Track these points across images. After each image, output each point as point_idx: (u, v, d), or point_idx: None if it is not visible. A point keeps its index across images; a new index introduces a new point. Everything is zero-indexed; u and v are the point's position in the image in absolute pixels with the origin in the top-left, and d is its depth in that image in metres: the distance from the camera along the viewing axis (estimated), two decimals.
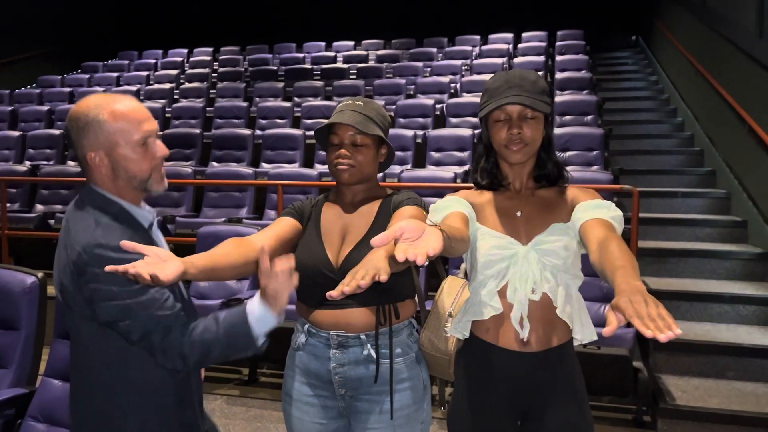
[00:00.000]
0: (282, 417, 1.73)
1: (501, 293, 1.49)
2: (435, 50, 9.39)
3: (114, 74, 9.78)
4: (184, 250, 1.32)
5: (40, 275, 2.34)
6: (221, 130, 6.67)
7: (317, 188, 5.11)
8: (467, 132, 5.89)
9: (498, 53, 8.66)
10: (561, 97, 6.36)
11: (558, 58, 8.05)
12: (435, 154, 5.86)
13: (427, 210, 1.61)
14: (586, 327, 1.50)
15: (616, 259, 1.22)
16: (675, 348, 3.53)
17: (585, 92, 6.86)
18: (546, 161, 1.58)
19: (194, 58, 10.48)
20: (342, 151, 1.61)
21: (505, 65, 8.02)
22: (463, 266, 1.71)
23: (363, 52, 9.92)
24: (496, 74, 1.56)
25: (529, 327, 1.48)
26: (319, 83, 8.12)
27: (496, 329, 1.52)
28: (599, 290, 3.48)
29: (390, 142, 1.68)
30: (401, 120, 6.66)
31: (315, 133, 1.67)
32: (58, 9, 11.28)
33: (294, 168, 5.89)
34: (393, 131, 5.72)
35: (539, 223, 1.53)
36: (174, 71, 9.55)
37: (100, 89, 8.84)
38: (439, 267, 1.85)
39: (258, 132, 6.76)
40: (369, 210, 1.65)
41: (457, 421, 1.58)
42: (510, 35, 9.46)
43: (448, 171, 5.10)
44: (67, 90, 8.96)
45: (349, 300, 1.53)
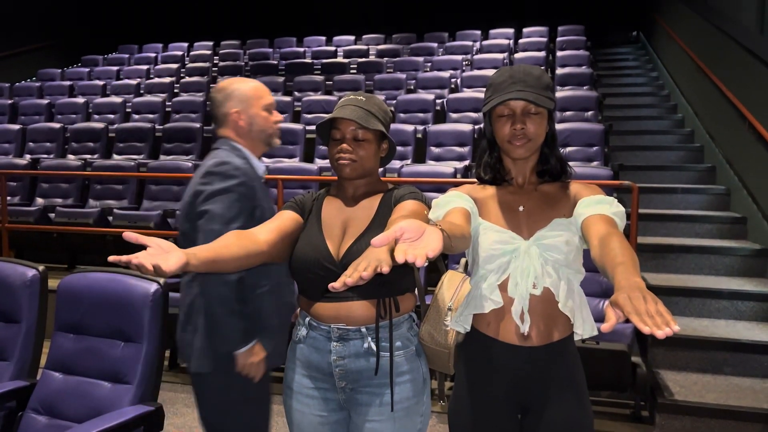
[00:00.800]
0: (281, 410, 1.74)
1: (502, 287, 1.50)
2: (435, 45, 9.37)
3: (114, 68, 9.76)
4: None
5: (41, 268, 2.34)
6: None
7: (317, 183, 5.11)
8: (467, 127, 5.88)
9: (499, 48, 8.65)
10: (561, 93, 6.35)
11: (559, 54, 8.04)
12: (435, 149, 5.86)
13: (428, 204, 1.61)
14: (587, 322, 1.51)
15: (617, 256, 1.23)
16: (673, 343, 3.54)
17: (585, 88, 6.85)
18: (549, 157, 1.58)
19: (194, 52, 10.45)
20: (344, 146, 1.61)
21: (506, 60, 8.00)
22: (464, 260, 1.71)
23: (363, 47, 9.90)
24: (501, 69, 1.56)
25: (530, 321, 1.49)
26: (320, 78, 8.10)
27: (497, 323, 1.52)
28: (599, 286, 3.48)
29: (391, 137, 1.68)
30: (401, 115, 6.65)
31: (317, 128, 1.68)
32: (59, 2, 11.26)
33: (294, 162, 5.89)
34: (393, 126, 5.71)
35: (541, 218, 1.53)
36: (174, 65, 9.53)
37: (100, 83, 8.82)
38: (439, 262, 1.86)
39: None
40: (370, 204, 1.65)
41: (458, 415, 1.59)
42: (511, 30, 9.45)
43: (448, 166, 5.09)
44: (67, 83, 8.94)
45: (350, 293, 1.54)
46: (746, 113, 4.71)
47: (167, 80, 8.69)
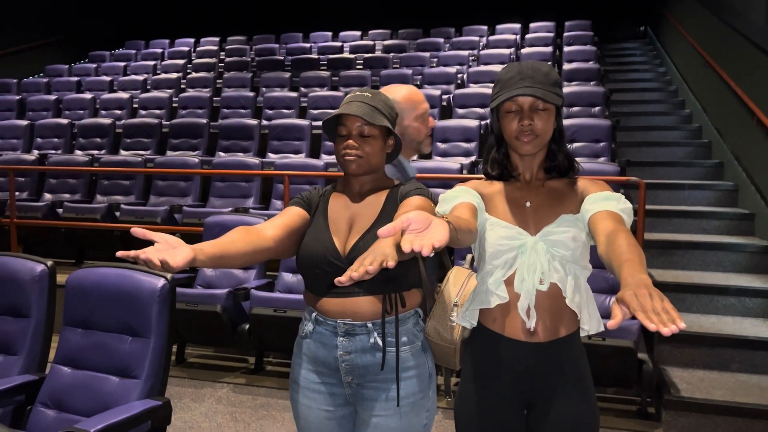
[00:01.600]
0: (288, 405, 1.75)
1: (508, 283, 1.50)
2: (442, 40, 9.35)
3: (121, 64, 9.79)
4: (191, 240, 1.36)
5: (50, 263, 2.36)
6: (228, 120, 6.68)
7: (323, 178, 5.11)
8: (474, 123, 5.87)
9: (505, 44, 8.62)
10: (568, 88, 6.33)
11: (566, 49, 8.01)
12: (441, 145, 5.85)
13: (434, 200, 1.61)
14: (594, 318, 1.51)
15: (623, 253, 1.23)
16: (680, 340, 3.53)
17: (592, 83, 6.83)
18: (557, 153, 1.58)
19: (201, 48, 10.47)
20: (350, 142, 1.61)
21: (512, 56, 7.98)
22: (469, 256, 1.72)
23: (369, 42, 9.89)
24: (509, 65, 1.55)
25: (536, 317, 1.49)
26: (326, 73, 8.11)
27: (503, 319, 1.53)
28: (605, 282, 3.48)
29: (397, 134, 1.68)
30: None
31: (323, 124, 1.68)
32: None
33: (300, 158, 5.90)
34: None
35: (548, 214, 1.53)
36: (181, 61, 9.56)
37: (107, 79, 8.85)
38: (445, 257, 1.86)
39: (264, 122, 6.76)
40: (376, 200, 1.66)
41: (464, 410, 1.59)
42: (517, 25, 9.41)
43: (455, 162, 5.09)
44: (75, 79, 8.98)
45: (356, 288, 1.55)
46: (755, 109, 4.68)
47: (174, 76, 8.71)
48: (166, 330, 2.09)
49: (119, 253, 1.17)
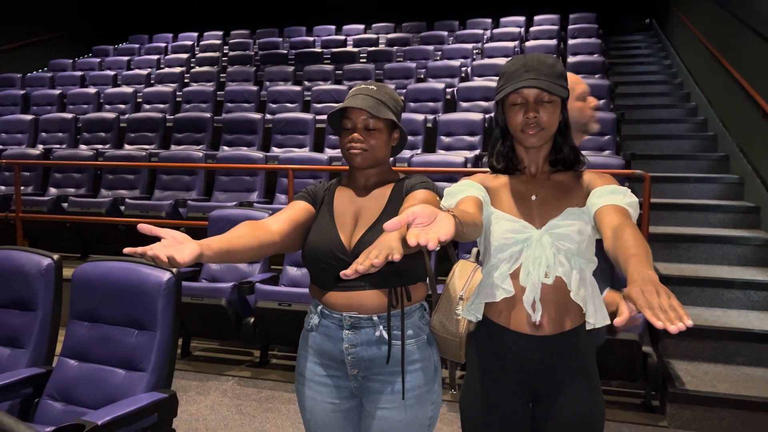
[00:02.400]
0: (293, 398, 1.76)
1: (514, 276, 1.50)
2: (446, 34, 9.32)
3: (125, 58, 9.79)
4: (196, 234, 1.35)
5: (56, 257, 2.37)
6: (232, 114, 6.68)
7: (328, 172, 5.11)
8: (478, 116, 5.86)
9: (509, 37, 8.59)
10: None
11: (570, 42, 7.97)
12: (445, 139, 5.84)
13: (440, 194, 1.61)
14: (599, 311, 1.51)
15: (630, 248, 1.22)
16: (685, 333, 3.52)
17: (597, 76, 6.80)
18: (562, 146, 1.57)
19: (204, 42, 10.46)
20: (355, 135, 1.61)
21: (517, 49, 7.95)
22: (475, 250, 1.71)
23: (373, 36, 9.87)
24: (514, 57, 1.55)
25: (542, 310, 1.49)
26: (329, 67, 8.09)
27: (509, 312, 1.53)
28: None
29: (402, 126, 1.68)
30: (411, 104, 6.63)
31: (328, 118, 1.68)
32: None
33: (304, 152, 5.90)
34: (403, 115, 5.69)
35: (554, 207, 1.53)
36: (184, 55, 9.55)
37: (111, 73, 8.86)
38: (450, 251, 1.86)
39: (268, 116, 6.76)
40: (381, 194, 1.66)
41: (469, 404, 1.60)
42: (522, 18, 9.38)
43: (459, 155, 5.07)
44: (79, 74, 8.99)
45: (362, 282, 1.55)
46: (761, 101, 4.66)
47: (177, 70, 8.71)
48: (172, 323, 2.10)
49: (126, 250, 1.17)
